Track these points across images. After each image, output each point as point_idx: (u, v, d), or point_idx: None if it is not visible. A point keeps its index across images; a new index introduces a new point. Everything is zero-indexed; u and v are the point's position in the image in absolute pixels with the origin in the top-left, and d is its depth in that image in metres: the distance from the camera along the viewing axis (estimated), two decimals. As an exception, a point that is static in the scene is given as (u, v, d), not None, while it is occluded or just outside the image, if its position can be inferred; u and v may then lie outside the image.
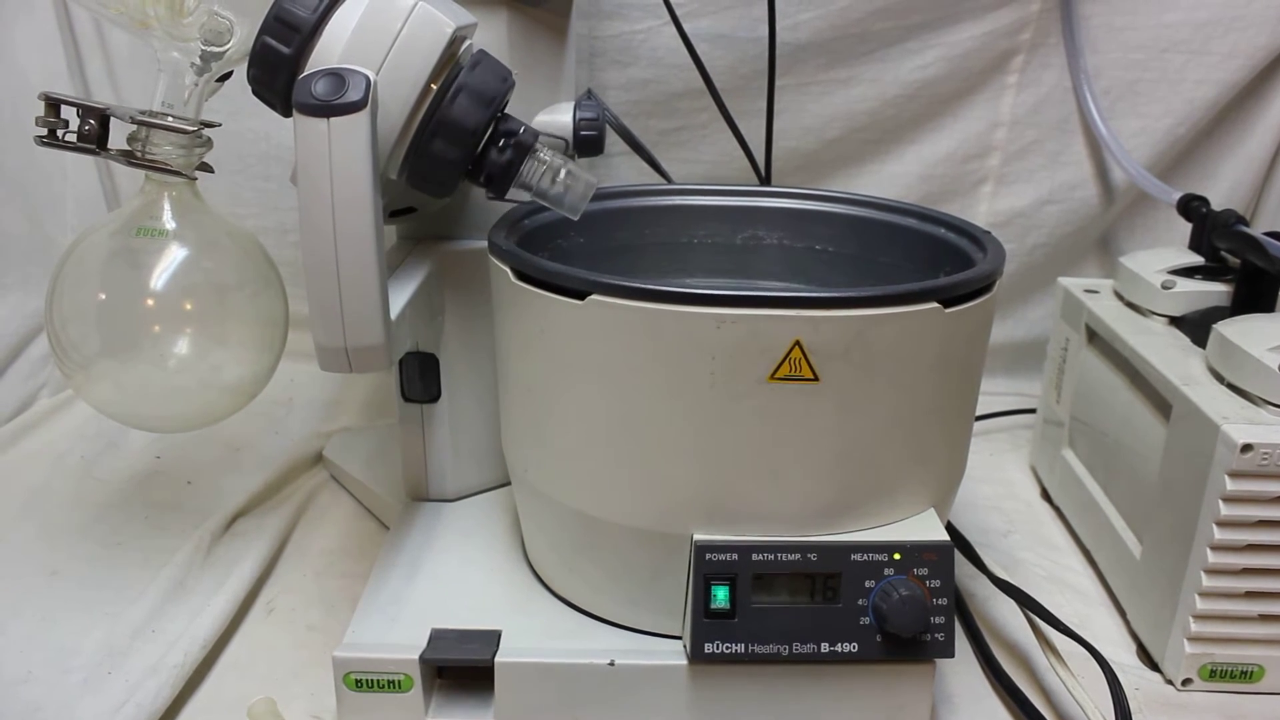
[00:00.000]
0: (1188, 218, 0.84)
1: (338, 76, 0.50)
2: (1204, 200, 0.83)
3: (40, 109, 0.60)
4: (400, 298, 0.60)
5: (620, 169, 0.98)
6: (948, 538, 0.56)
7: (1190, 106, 0.97)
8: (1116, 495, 0.75)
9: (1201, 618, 0.62)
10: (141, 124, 0.61)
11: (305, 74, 0.51)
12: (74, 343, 0.64)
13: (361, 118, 0.49)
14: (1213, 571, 0.61)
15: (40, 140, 0.61)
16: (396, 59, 0.53)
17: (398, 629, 0.59)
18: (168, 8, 0.59)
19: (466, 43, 0.57)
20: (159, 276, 0.63)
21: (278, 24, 0.53)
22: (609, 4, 0.93)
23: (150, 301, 0.63)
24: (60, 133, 0.61)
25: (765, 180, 0.88)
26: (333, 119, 0.49)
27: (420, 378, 0.70)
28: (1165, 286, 0.76)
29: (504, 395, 0.63)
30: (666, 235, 0.74)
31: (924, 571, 0.55)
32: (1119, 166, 0.98)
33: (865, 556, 0.55)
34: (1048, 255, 1.05)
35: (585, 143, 0.66)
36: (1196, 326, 0.72)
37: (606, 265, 0.69)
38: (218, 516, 0.78)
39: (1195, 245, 0.81)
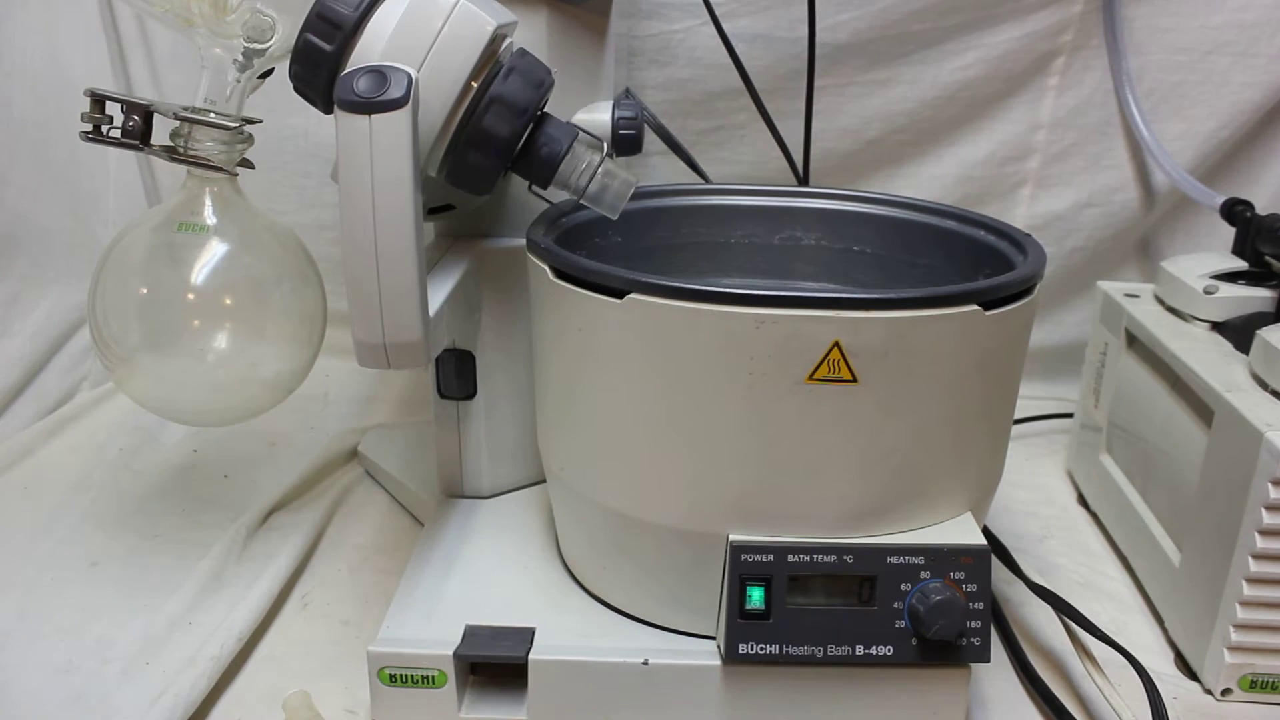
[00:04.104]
0: (1231, 222, 0.83)
1: (379, 74, 0.50)
2: (1248, 204, 0.82)
3: (85, 105, 0.61)
4: (438, 295, 0.60)
5: (658, 168, 0.98)
6: (985, 542, 0.56)
7: (1235, 109, 0.96)
8: (1155, 502, 0.74)
9: (1242, 627, 0.62)
10: (184, 120, 0.61)
11: (347, 71, 0.51)
12: (115, 336, 0.65)
13: (403, 115, 0.50)
14: (1255, 580, 0.60)
15: (85, 136, 0.62)
16: (438, 57, 0.53)
17: (432, 625, 0.59)
18: (212, 5, 0.60)
19: (507, 41, 0.58)
20: (199, 271, 0.63)
21: (320, 21, 0.53)
22: (648, 3, 0.93)
23: (191, 296, 0.64)
24: (105, 128, 0.62)
25: (803, 181, 0.88)
26: (374, 116, 0.49)
27: (457, 375, 0.70)
28: (1208, 291, 0.75)
29: (540, 393, 0.63)
30: (704, 235, 0.73)
31: (960, 575, 0.55)
32: (1161, 170, 0.97)
33: (901, 559, 0.55)
34: (1086, 259, 1.04)
35: (624, 142, 0.66)
36: (1239, 332, 0.71)
37: (643, 264, 0.69)
38: (254, 510, 0.79)
39: (1238, 250, 0.80)
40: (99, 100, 0.61)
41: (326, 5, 0.53)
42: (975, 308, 0.52)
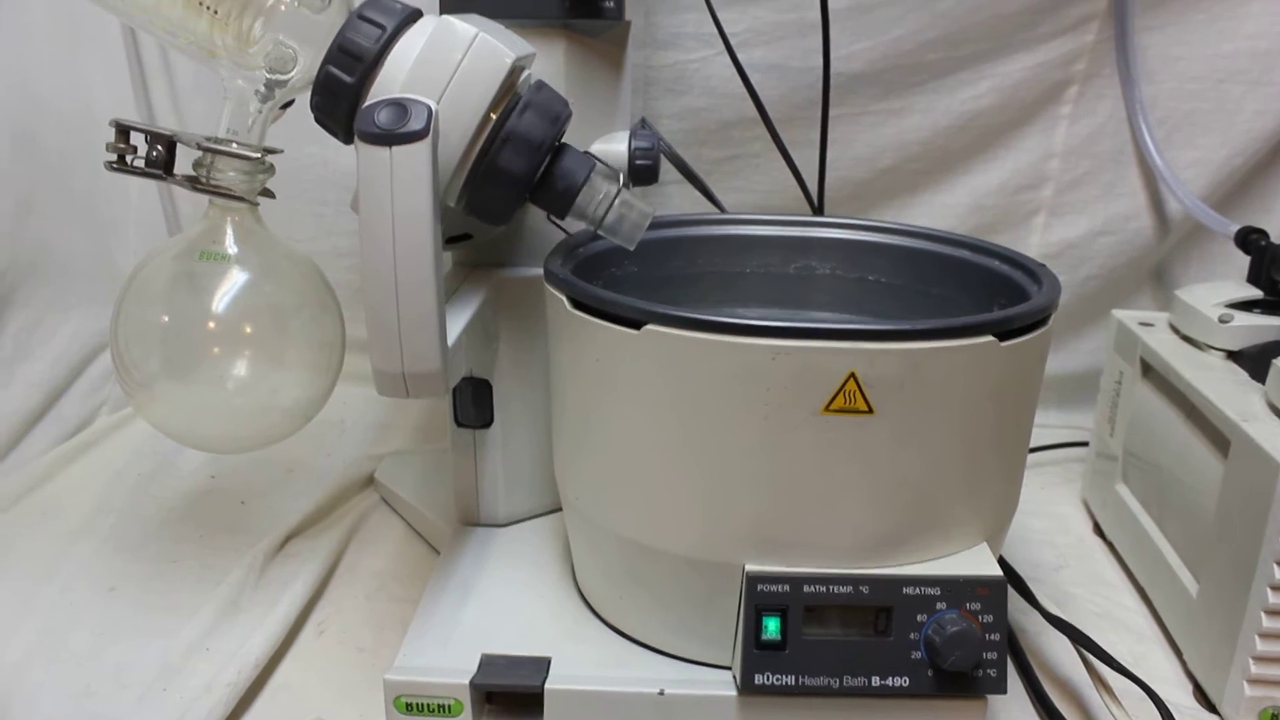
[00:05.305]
0: (1246, 250, 0.83)
1: (400, 106, 0.51)
2: (1263, 233, 0.82)
3: (108, 134, 0.62)
4: (456, 324, 0.60)
5: (673, 198, 0.98)
6: (1001, 572, 0.56)
7: (1248, 137, 0.96)
8: (1172, 531, 0.74)
9: (1262, 659, 0.61)
10: (207, 150, 0.62)
11: (368, 103, 0.52)
12: (136, 362, 0.65)
13: (423, 147, 0.50)
14: (1274, 612, 0.60)
15: (110, 165, 0.62)
16: (457, 89, 0.54)
17: (448, 653, 0.60)
18: (235, 37, 0.61)
19: (525, 72, 0.58)
20: (220, 300, 0.64)
21: (341, 53, 0.54)
22: (664, 34, 0.94)
23: (211, 324, 0.64)
24: (129, 158, 0.62)
25: (818, 210, 0.88)
26: (395, 148, 0.50)
27: (474, 403, 0.71)
28: (1223, 320, 0.75)
29: (557, 422, 0.64)
30: (719, 265, 0.74)
31: (976, 606, 0.55)
32: (1174, 198, 0.97)
33: (917, 590, 0.55)
34: (1100, 287, 1.04)
35: (640, 172, 0.67)
36: (1255, 361, 0.71)
37: (659, 294, 0.69)
38: (271, 537, 0.79)
39: (1253, 278, 0.80)
40: (124, 130, 0.62)
41: (348, 38, 0.54)
42: (991, 339, 0.52)
